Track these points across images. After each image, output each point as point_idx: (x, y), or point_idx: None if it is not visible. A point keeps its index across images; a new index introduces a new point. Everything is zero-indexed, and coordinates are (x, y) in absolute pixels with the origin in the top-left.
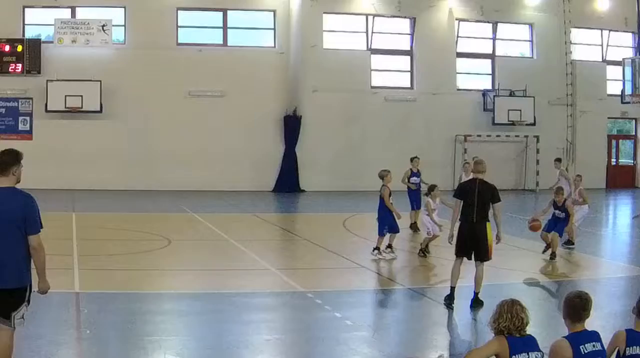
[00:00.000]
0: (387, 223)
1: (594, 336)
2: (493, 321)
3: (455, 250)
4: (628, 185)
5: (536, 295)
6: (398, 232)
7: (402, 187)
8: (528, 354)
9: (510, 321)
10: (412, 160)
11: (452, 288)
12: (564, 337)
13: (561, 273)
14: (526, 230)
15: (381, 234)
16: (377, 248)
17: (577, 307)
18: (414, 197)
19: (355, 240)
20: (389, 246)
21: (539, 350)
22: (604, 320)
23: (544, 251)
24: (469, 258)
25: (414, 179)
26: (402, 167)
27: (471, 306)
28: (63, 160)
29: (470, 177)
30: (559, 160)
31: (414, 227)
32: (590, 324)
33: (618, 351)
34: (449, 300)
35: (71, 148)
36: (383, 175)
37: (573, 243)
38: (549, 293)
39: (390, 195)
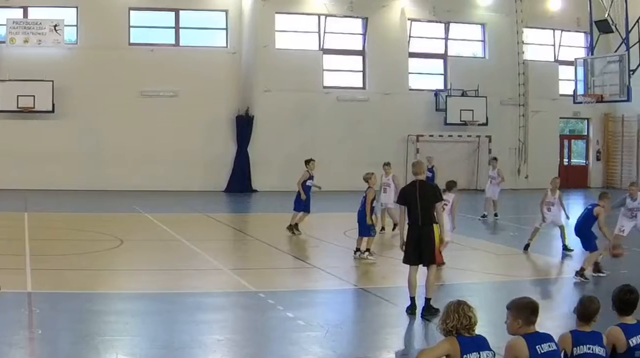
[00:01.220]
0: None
1: (549, 337)
2: (441, 322)
3: (404, 258)
4: (581, 185)
5: (488, 295)
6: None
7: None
8: (479, 353)
9: (458, 321)
10: (307, 162)
11: (412, 299)
12: (519, 335)
13: (513, 273)
14: (478, 230)
15: (366, 235)
16: (359, 249)
17: (529, 309)
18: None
19: (307, 240)
20: (367, 250)
21: (489, 349)
22: (553, 321)
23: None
24: (419, 263)
25: (310, 182)
26: (355, 167)
27: (422, 314)
28: (15, 160)
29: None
30: (495, 159)
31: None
32: (540, 325)
33: (565, 353)
34: (411, 310)
35: (23, 148)
36: (367, 178)
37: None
38: (502, 293)
39: (374, 199)
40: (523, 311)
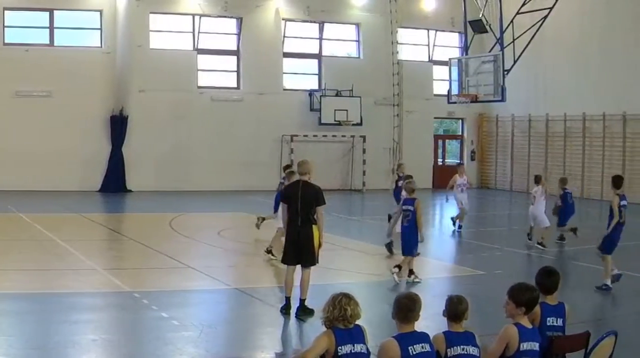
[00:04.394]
0: (416, 241)
1: (424, 337)
2: (322, 312)
3: (282, 258)
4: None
5: (365, 295)
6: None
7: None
8: (353, 345)
9: (332, 313)
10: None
11: (287, 299)
12: (392, 336)
13: (389, 273)
14: (351, 230)
15: (410, 254)
16: (399, 266)
17: (404, 308)
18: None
19: (181, 240)
20: (411, 270)
21: (364, 343)
22: (430, 321)
23: None
24: (298, 263)
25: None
26: (229, 167)
27: (297, 315)
28: None
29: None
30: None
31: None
32: (416, 325)
33: (439, 354)
34: (286, 310)
35: None
36: (414, 188)
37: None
38: (378, 293)
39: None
40: (395, 309)
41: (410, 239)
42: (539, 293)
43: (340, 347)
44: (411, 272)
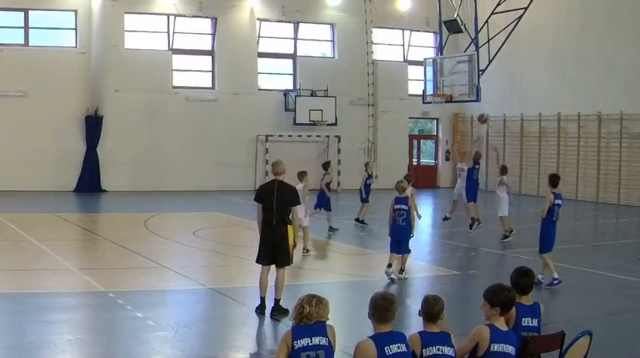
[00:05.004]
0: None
1: (400, 338)
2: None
3: (257, 258)
4: (430, 184)
5: (338, 295)
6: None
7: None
8: (310, 339)
9: (294, 311)
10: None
11: (262, 299)
12: (369, 337)
13: (362, 273)
14: (326, 231)
15: (407, 251)
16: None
17: (380, 308)
18: None
19: (156, 240)
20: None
21: (324, 336)
22: (407, 320)
23: None
24: (273, 263)
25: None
26: (204, 167)
27: (271, 315)
28: None
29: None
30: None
31: None
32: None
33: (414, 353)
34: (261, 310)
35: None
36: (405, 187)
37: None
38: (351, 293)
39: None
40: (371, 309)
41: (407, 238)
42: (515, 294)
43: (296, 341)
44: (402, 270)
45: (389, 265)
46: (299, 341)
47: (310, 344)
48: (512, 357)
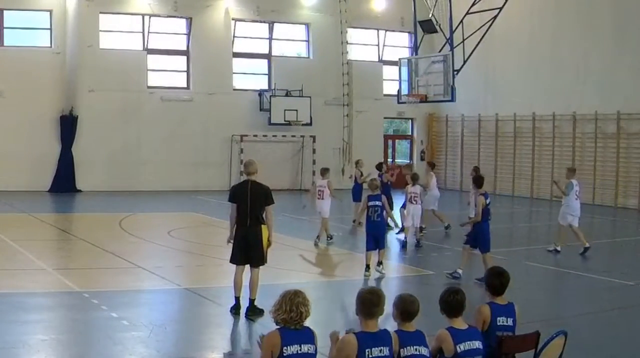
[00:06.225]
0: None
1: (385, 340)
2: (274, 311)
3: (231, 258)
4: (405, 184)
5: (314, 295)
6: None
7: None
8: (300, 346)
9: (288, 314)
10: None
11: (237, 299)
12: (354, 333)
13: (338, 273)
14: (301, 230)
15: (384, 246)
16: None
17: (368, 303)
18: None
19: (131, 240)
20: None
21: (312, 344)
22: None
23: None
24: (247, 263)
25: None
26: (179, 167)
27: (246, 315)
28: None
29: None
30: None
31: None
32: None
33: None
34: (235, 310)
35: None
36: (378, 185)
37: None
38: (327, 293)
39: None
40: (358, 304)
41: (384, 233)
42: (462, 296)
43: (285, 347)
44: (380, 263)
45: (367, 267)
46: (289, 347)
47: (299, 352)
48: (482, 350)
